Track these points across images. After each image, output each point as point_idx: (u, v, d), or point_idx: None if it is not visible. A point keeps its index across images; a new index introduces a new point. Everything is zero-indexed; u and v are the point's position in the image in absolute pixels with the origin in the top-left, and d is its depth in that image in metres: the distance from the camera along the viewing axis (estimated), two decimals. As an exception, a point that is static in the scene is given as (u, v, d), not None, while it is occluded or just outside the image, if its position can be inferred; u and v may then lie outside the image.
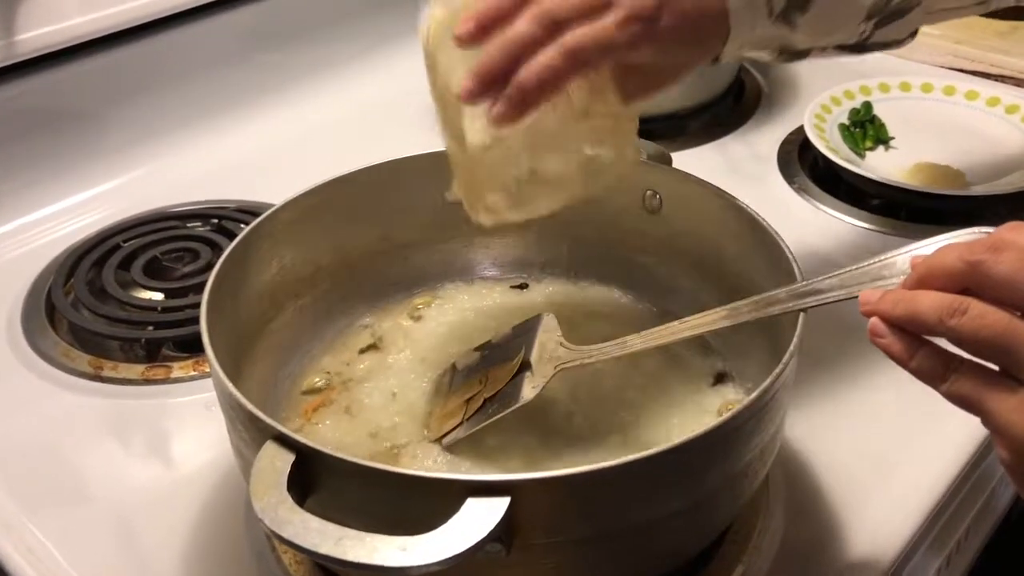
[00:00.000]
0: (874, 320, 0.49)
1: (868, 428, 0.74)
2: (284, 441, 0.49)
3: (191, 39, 1.08)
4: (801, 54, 0.66)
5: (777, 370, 0.53)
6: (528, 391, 0.62)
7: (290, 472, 0.48)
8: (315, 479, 0.50)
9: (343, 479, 0.49)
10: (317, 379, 0.71)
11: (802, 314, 0.57)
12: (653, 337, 0.61)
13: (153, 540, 0.67)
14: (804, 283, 0.57)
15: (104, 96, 1.03)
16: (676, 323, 0.61)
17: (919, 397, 0.74)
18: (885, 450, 0.72)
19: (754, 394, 0.52)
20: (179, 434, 0.76)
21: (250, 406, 0.51)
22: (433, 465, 0.63)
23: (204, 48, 1.10)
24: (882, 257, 0.54)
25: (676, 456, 0.49)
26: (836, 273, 0.55)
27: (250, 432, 0.52)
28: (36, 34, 0.96)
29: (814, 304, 0.56)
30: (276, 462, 0.49)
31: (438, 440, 0.64)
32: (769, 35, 0.62)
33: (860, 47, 0.67)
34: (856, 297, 0.52)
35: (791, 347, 0.55)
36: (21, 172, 0.99)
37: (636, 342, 0.62)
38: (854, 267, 0.55)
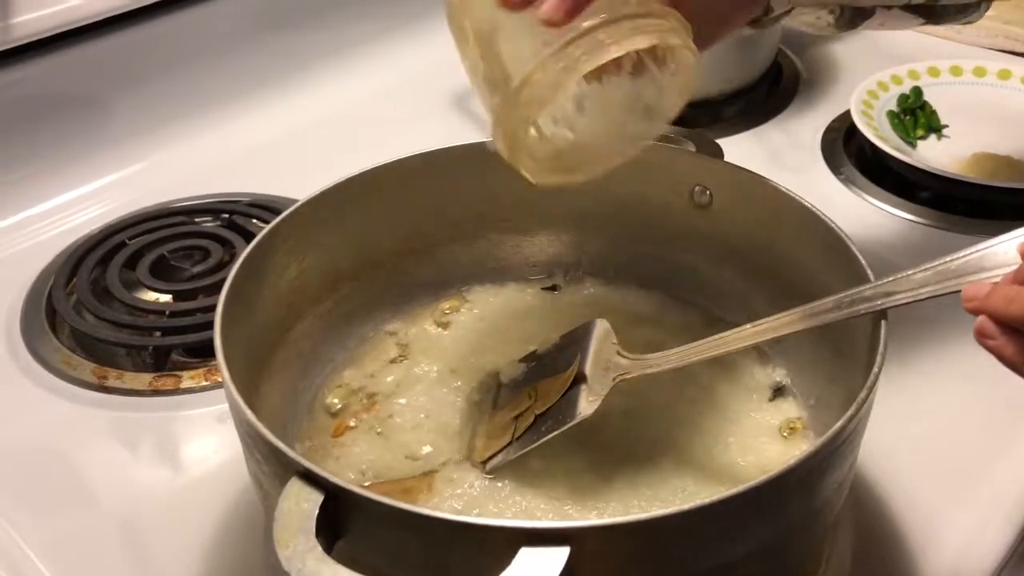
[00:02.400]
0: (982, 319, 0.44)
1: (942, 443, 0.68)
2: (310, 478, 0.44)
3: (201, 20, 1.03)
4: (864, 14, 0.60)
5: (862, 395, 0.48)
6: (585, 405, 0.57)
7: (318, 514, 0.43)
8: (345, 520, 0.44)
9: (378, 523, 0.44)
10: (341, 394, 0.66)
11: (884, 322, 0.51)
12: (722, 343, 0.56)
13: (161, 566, 0.61)
14: (893, 278, 0.51)
15: (108, 82, 0.98)
16: (748, 327, 0.56)
17: (1000, 406, 0.71)
18: (963, 467, 0.66)
19: (837, 424, 0.46)
20: (190, 450, 0.70)
21: (272, 438, 0.46)
22: (470, 490, 0.58)
23: (215, 30, 1.04)
24: (981, 246, 0.48)
25: (751, 499, 0.44)
26: (929, 266, 0.50)
27: (271, 465, 0.47)
28: (35, 16, 0.91)
29: (907, 301, 0.50)
30: (303, 503, 0.43)
31: (483, 463, 0.59)
32: None
33: (930, 10, 0.61)
34: (954, 293, 0.47)
35: (875, 367, 0.49)
36: (20, 164, 0.94)
37: (703, 349, 0.57)
38: (949, 258, 0.49)
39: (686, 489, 0.58)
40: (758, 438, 0.61)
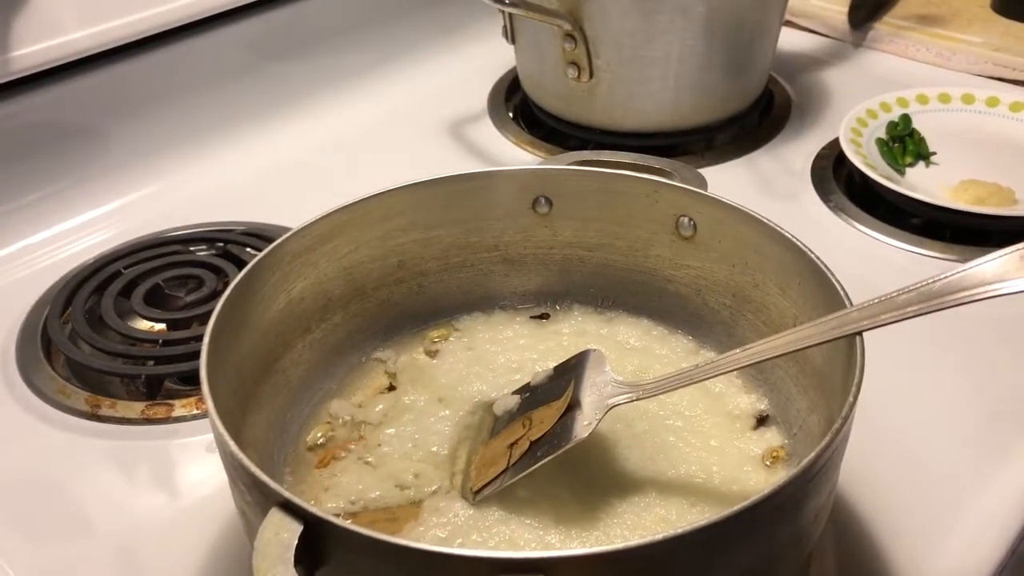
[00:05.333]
0: None
1: (925, 469, 0.68)
2: (290, 509, 0.44)
3: (195, 52, 1.04)
4: None
5: (837, 424, 0.48)
6: (581, 428, 0.58)
7: (297, 544, 0.43)
8: (325, 550, 0.45)
9: (356, 553, 0.44)
10: (329, 424, 0.66)
11: (860, 348, 0.52)
12: (714, 367, 0.57)
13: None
14: (878, 299, 0.52)
15: (104, 113, 0.99)
16: (739, 350, 0.56)
17: (983, 430, 0.71)
18: (947, 492, 0.66)
19: (813, 452, 0.46)
20: (181, 478, 0.71)
21: (253, 468, 0.46)
22: (455, 519, 0.58)
23: (209, 61, 1.05)
24: (962, 267, 0.50)
25: (726, 528, 0.44)
26: (912, 287, 0.51)
27: (253, 495, 0.47)
28: (33, 50, 0.92)
29: (892, 321, 0.52)
30: (282, 533, 0.44)
31: (477, 492, 0.59)
32: None
33: None
34: (937, 311, 0.48)
35: (850, 397, 0.50)
36: (17, 194, 0.95)
37: (696, 373, 0.57)
38: (931, 279, 0.51)
39: (669, 518, 0.58)
40: (741, 467, 0.62)
